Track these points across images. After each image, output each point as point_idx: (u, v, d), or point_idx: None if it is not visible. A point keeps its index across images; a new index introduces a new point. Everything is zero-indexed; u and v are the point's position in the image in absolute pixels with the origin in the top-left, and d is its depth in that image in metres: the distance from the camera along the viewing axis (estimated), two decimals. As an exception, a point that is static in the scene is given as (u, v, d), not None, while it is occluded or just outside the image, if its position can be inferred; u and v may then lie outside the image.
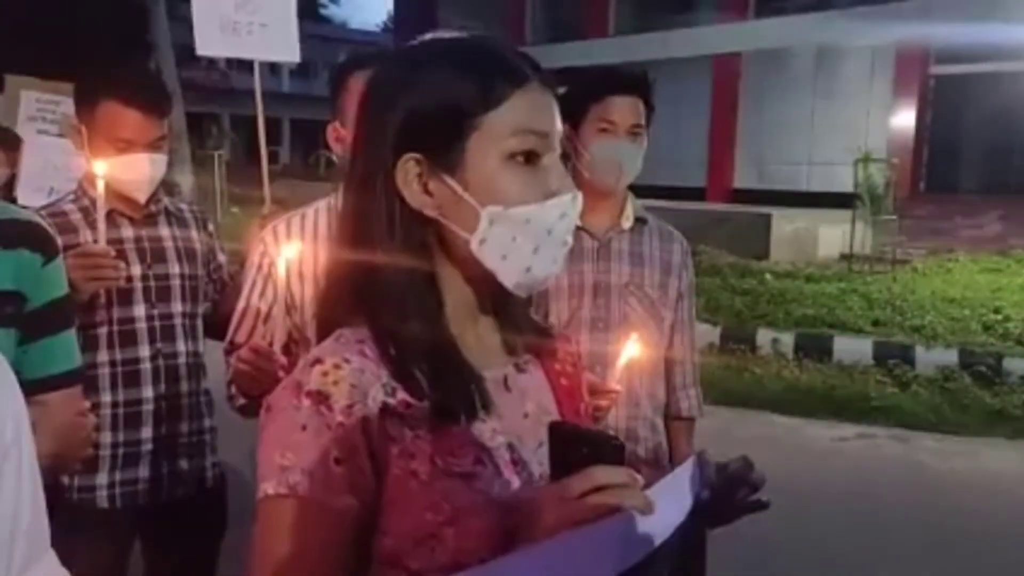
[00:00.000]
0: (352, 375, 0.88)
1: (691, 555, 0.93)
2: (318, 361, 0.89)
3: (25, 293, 1.33)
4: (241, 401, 1.77)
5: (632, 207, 2.06)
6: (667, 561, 0.85)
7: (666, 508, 0.83)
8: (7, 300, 1.31)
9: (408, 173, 0.92)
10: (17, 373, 0.87)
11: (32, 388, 1.25)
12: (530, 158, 0.92)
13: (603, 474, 0.79)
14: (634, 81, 1.98)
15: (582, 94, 1.98)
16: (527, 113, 0.91)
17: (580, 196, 0.95)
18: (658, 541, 0.82)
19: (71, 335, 1.43)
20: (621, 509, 0.77)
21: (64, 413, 1.36)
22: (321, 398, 0.87)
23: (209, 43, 2.59)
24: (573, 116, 1.97)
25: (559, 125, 0.95)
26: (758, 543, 3.42)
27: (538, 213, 0.91)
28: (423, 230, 0.94)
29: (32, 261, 1.34)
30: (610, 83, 1.97)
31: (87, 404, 1.47)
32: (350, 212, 0.97)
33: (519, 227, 0.91)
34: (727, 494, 0.96)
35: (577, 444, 0.82)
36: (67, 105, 2.07)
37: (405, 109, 0.92)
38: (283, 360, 1.57)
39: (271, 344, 1.61)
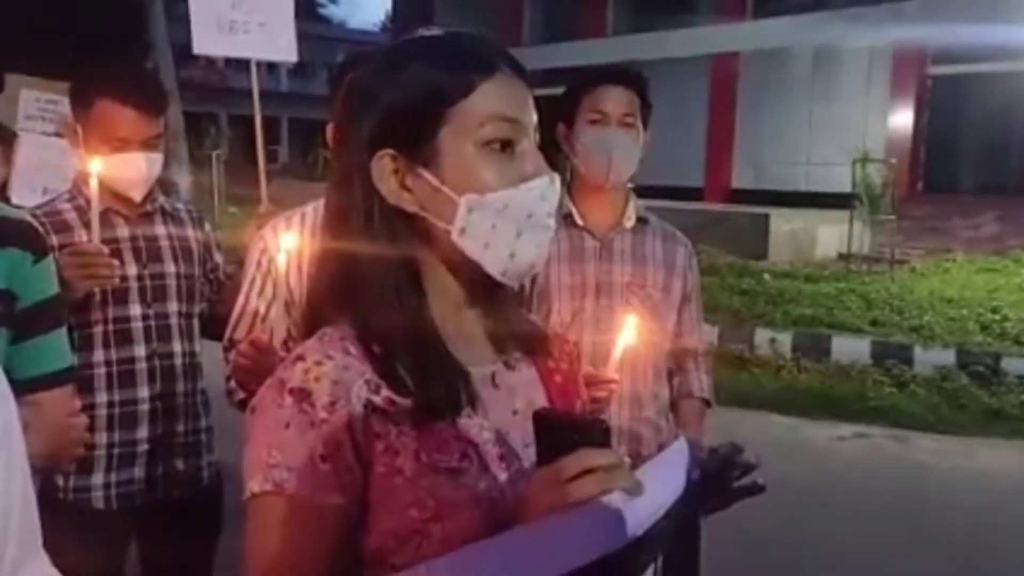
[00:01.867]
0: (334, 371, 0.88)
1: (686, 539, 0.92)
2: (300, 359, 0.89)
3: (15, 292, 1.32)
4: (240, 396, 1.77)
5: (634, 207, 2.05)
6: (660, 543, 0.84)
7: (656, 489, 0.83)
8: None
9: (383, 170, 0.93)
10: (8, 372, 0.87)
11: (23, 387, 1.25)
12: (504, 146, 0.92)
13: (591, 457, 0.79)
14: (625, 73, 1.98)
15: (576, 89, 1.99)
16: (498, 101, 0.92)
17: (557, 179, 0.95)
18: (648, 522, 0.82)
19: (62, 334, 1.42)
20: (611, 490, 0.78)
21: (56, 413, 1.36)
22: (303, 395, 0.86)
23: (206, 42, 2.58)
24: (568, 114, 1.98)
25: (533, 114, 0.95)
26: (756, 542, 3.43)
27: (516, 197, 0.91)
28: (404, 226, 0.93)
29: (22, 260, 1.34)
30: (602, 75, 1.98)
31: (79, 404, 1.46)
32: (331, 211, 0.98)
33: (498, 213, 0.91)
34: (720, 476, 0.96)
35: (563, 430, 0.82)
36: (66, 104, 2.06)
37: (377, 107, 0.93)
38: (283, 355, 1.57)
39: (271, 339, 1.61)
